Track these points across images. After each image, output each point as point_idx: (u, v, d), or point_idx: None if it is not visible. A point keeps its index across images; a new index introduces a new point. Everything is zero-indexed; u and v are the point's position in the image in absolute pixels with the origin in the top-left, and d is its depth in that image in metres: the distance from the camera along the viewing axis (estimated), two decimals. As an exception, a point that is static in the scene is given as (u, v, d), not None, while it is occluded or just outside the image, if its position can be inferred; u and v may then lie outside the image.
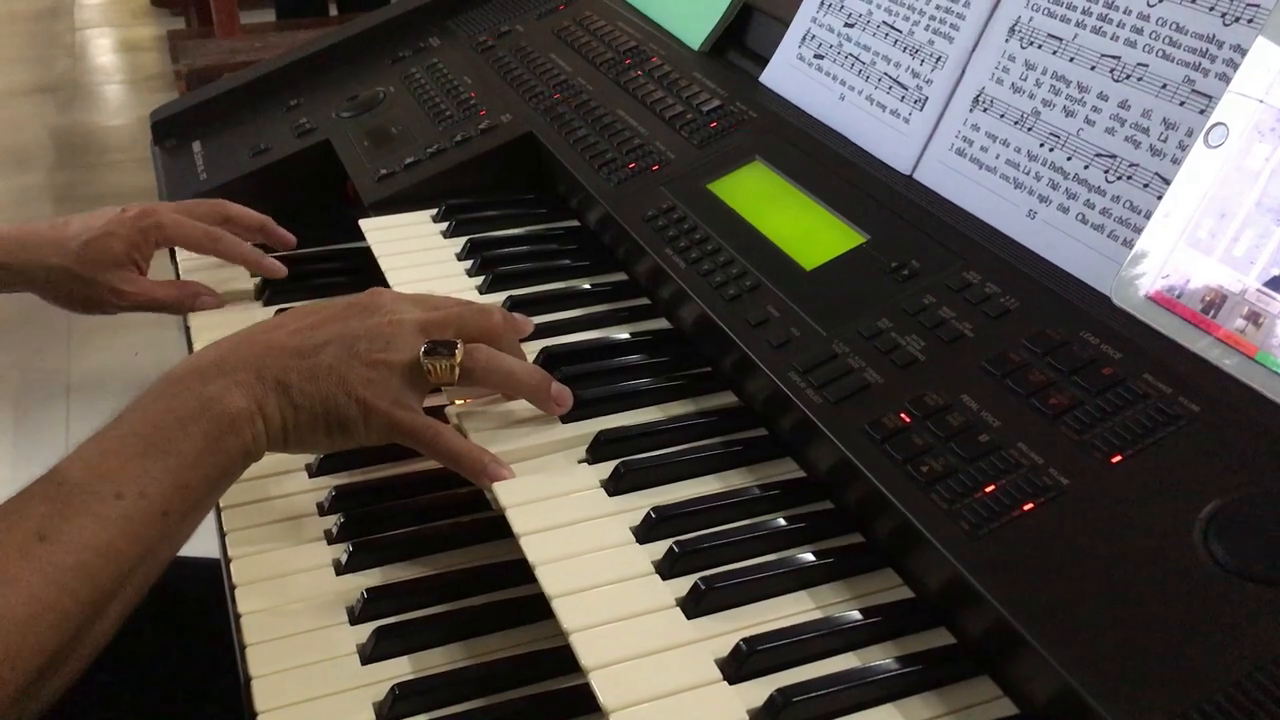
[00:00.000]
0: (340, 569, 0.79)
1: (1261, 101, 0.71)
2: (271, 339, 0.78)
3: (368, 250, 1.10)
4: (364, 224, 1.12)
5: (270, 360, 0.76)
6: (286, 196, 1.28)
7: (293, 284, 1.12)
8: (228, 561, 0.79)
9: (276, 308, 1.08)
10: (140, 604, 0.69)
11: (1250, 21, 0.75)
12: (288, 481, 0.86)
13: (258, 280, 1.12)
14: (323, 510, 0.84)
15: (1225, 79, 0.75)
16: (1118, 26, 0.83)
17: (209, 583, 0.84)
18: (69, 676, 0.65)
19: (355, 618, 0.75)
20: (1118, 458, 0.65)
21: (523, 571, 0.73)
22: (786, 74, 1.13)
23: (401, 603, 0.75)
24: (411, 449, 0.81)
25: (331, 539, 0.81)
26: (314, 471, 0.87)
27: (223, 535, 0.82)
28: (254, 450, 0.75)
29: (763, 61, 1.16)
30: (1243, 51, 0.73)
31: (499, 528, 0.78)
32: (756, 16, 1.25)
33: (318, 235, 1.22)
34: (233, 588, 0.77)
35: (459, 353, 0.79)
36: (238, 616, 0.75)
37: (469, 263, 1.06)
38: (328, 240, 1.21)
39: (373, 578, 0.78)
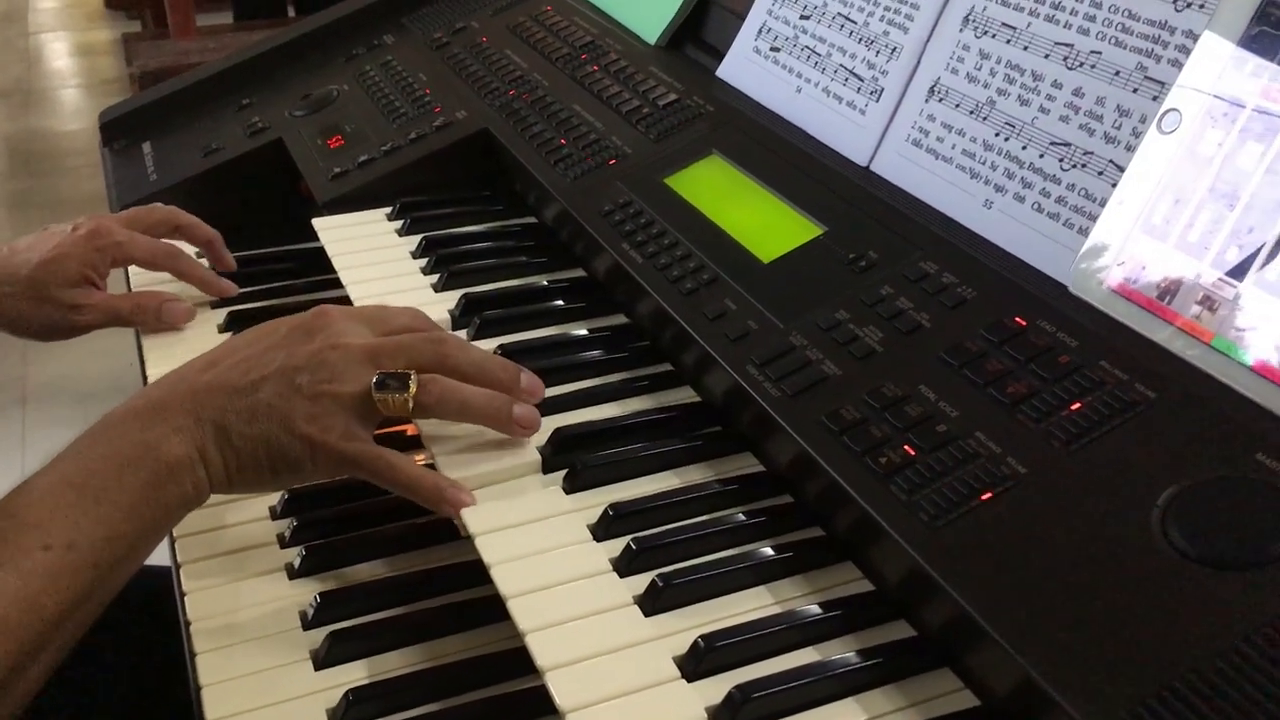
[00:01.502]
0: (293, 573, 0.77)
1: (1211, 95, 0.70)
2: (209, 379, 0.75)
3: (322, 250, 1.08)
4: (317, 223, 1.10)
5: (208, 402, 0.73)
6: (238, 196, 1.27)
7: (245, 284, 1.11)
8: (177, 567, 0.78)
9: (228, 310, 1.06)
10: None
11: (1201, 7, 0.75)
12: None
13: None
14: (275, 515, 0.83)
15: (1178, 65, 0.75)
16: (1070, 14, 0.83)
17: (158, 590, 0.82)
18: None
19: (308, 623, 0.73)
20: (1075, 445, 0.64)
21: (479, 572, 0.71)
22: (743, 67, 1.12)
23: (355, 607, 0.74)
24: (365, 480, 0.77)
25: (284, 543, 0.80)
26: (266, 474, 0.86)
27: (172, 540, 0.80)
28: (194, 498, 0.72)
29: (719, 55, 1.15)
30: (1194, 37, 0.73)
31: (455, 529, 0.77)
32: (713, 10, 1.24)
33: (271, 235, 1.21)
34: (182, 594, 0.75)
35: (412, 386, 0.75)
36: (188, 624, 0.73)
37: (424, 261, 1.04)
38: (281, 240, 1.19)
39: (326, 582, 0.77)
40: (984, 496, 0.64)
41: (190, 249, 1.10)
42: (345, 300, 0.99)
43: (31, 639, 0.63)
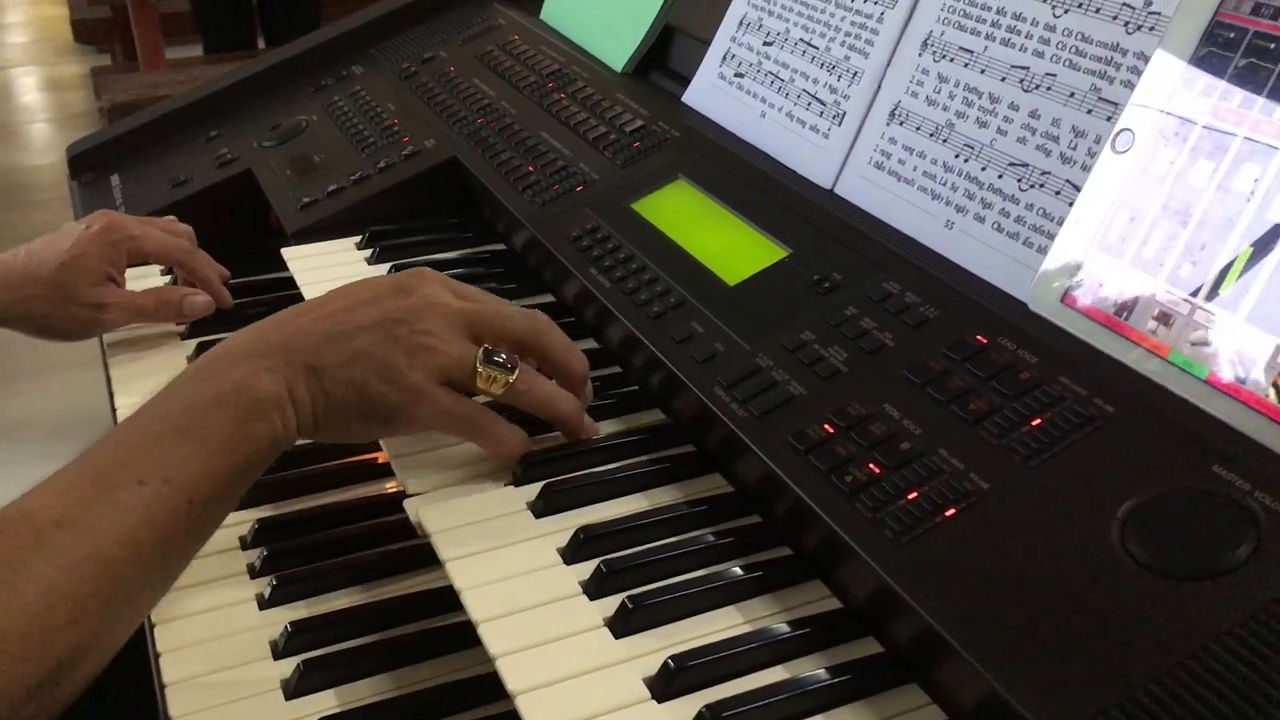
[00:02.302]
0: (263, 603, 0.77)
1: (1164, 111, 0.72)
2: (303, 322, 0.75)
3: (291, 280, 1.08)
4: (286, 252, 1.10)
5: (301, 343, 0.73)
6: (208, 227, 1.26)
7: (215, 315, 1.11)
8: (147, 600, 0.77)
9: (198, 340, 1.06)
10: None
11: (1152, 29, 0.77)
12: (209, 515, 0.84)
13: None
14: (245, 544, 0.82)
15: (1130, 86, 0.77)
16: (1025, 38, 0.85)
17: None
18: (86, 677, 0.63)
19: (279, 652, 0.73)
20: (1036, 460, 0.65)
21: (451, 598, 0.72)
22: (708, 93, 1.13)
23: (326, 635, 0.74)
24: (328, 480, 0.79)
25: (254, 573, 0.80)
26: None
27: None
28: (283, 437, 0.72)
29: (685, 81, 1.17)
30: (1145, 59, 0.75)
31: (427, 555, 0.77)
32: (678, 37, 1.25)
33: (241, 266, 1.20)
34: (151, 626, 0.75)
35: (517, 372, 0.77)
36: (156, 655, 0.73)
37: (393, 289, 1.04)
38: (251, 271, 1.19)
39: (297, 611, 0.76)
40: (948, 512, 0.64)
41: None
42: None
43: (131, 573, 0.64)
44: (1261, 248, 0.66)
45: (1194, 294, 0.68)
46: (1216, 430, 0.64)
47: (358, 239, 1.13)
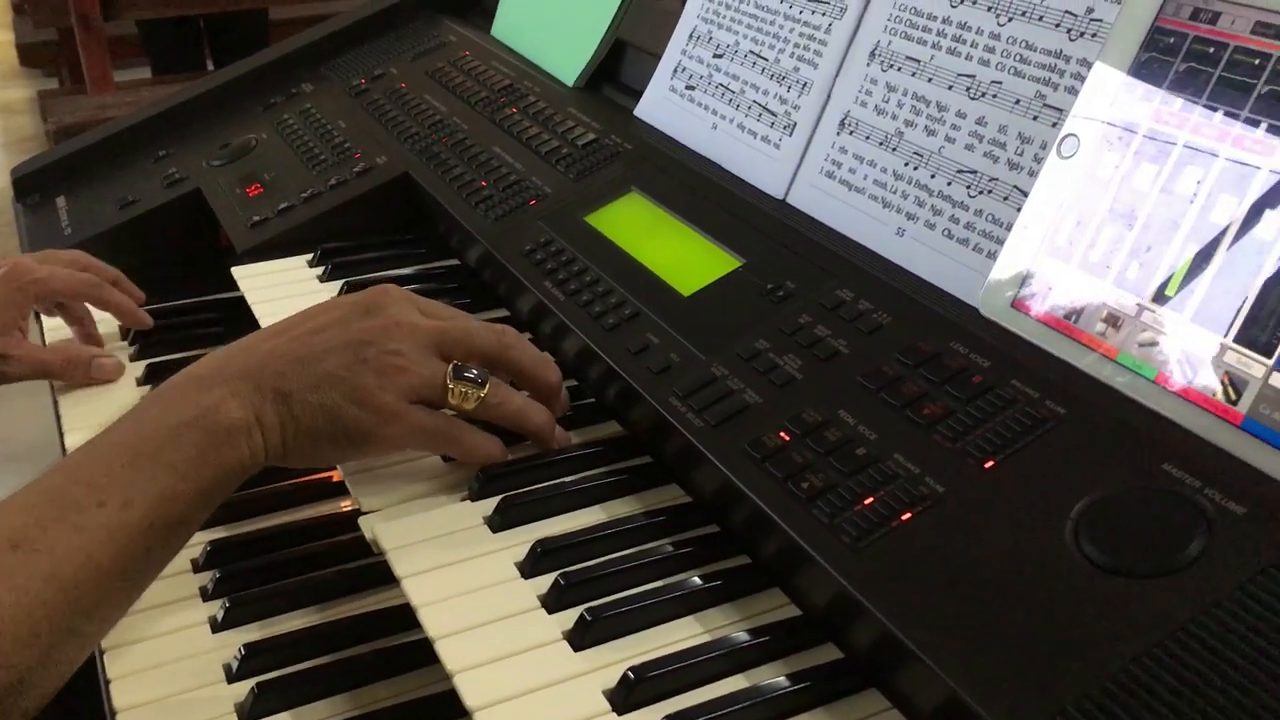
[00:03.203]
0: (216, 626, 0.76)
1: (1107, 117, 0.73)
2: (271, 346, 0.75)
3: (243, 299, 1.07)
4: (236, 271, 1.09)
5: (269, 368, 0.73)
6: (157, 248, 1.26)
7: (165, 336, 1.10)
8: (96, 625, 0.76)
9: (146, 363, 1.04)
10: None
11: (1094, 36, 0.78)
12: (159, 538, 0.83)
13: (128, 341, 1.09)
14: (197, 567, 0.81)
15: (1074, 92, 0.78)
16: (971, 46, 0.86)
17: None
18: (38, 701, 0.61)
19: (233, 676, 0.72)
20: (990, 463, 0.65)
21: (409, 616, 0.71)
22: (660, 106, 1.14)
23: (281, 656, 0.73)
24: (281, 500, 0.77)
25: (206, 596, 0.78)
26: (187, 527, 0.84)
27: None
28: (250, 463, 0.72)
29: (636, 95, 1.17)
30: (1089, 65, 0.76)
31: (383, 573, 0.76)
32: (629, 51, 1.26)
33: (191, 286, 1.19)
34: (100, 652, 0.73)
35: (488, 386, 0.77)
36: (107, 682, 0.71)
37: (346, 306, 1.03)
38: (202, 291, 1.18)
39: (251, 633, 0.75)
40: (904, 517, 0.65)
41: None
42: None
43: (88, 597, 0.63)
44: (1205, 249, 0.67)
45: (1141, 295, 0.69)
46: (1166, 429, 0.65)
47: (309, 257, 1.12)
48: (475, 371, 0.77)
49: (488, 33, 1.43)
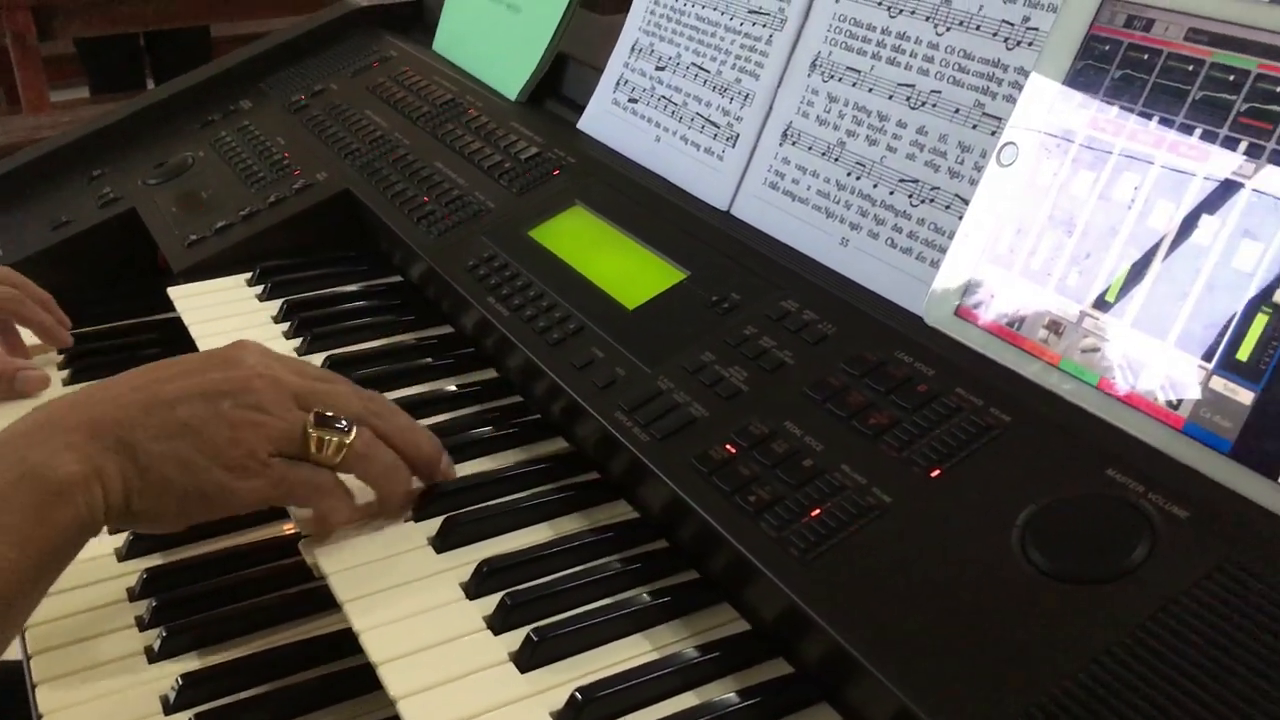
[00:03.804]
0: (153, 656, 0.74)
1: (1046, 125, 0.73)
2: (117, 392, 0.68)
3: (180, 320, 1.05)
4: (173, 292, 1.07)
5: (112, 415, 0.66)
6: (92, 269, 1.23)
7: (103, 359, 1.07)
8: (28, 658, 0.74)
9: (82, 387, 1.02)
10: None
11: (1031, 45, 0.79)
12: (93, 567, 0.81)
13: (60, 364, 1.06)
14: (133, 595, 0.79)
15: (1012, 100, 0.78)
16: (910, 56, 0.86)
17: (8, 684, 0.78)
18: None
19: (170, 707, 0.70)
20: (936, 472, 0.65)
21: (352, 641, 0.69)
22: (603, 119, 1.13)
23: (221, 686, 0.71)
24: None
25: (143, 625, 0.76)
26: (122, 555, 0.82)
27: (22, 632, 0.75)
28: (90, 522, 0.65)
29: (579, 108, 1.16)
30: (1026, 73, 0.76)
31: (325, 598, 0.74)
32: (571, 65, 1.25)
33: (128, 308, 1.17)
34: (33, 686, 0.71)
35: (353, 433, 0.72)
36: (39, 716, 0.69)
37: (286, 325, 1.02)
38: (140, 313, 1.16)
39: (189, 662, 0.73)
40: (852, 528, 0.64)
41: None
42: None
43: None
44: (1143, 255, 0.67)
45: (1081, 302, 0.69)
46: (1110, 435, 0.65)
47: (248, 276, 1.10)
48: (343, 420, 0.72)
49: (429, 47, 1.42)
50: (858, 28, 0.90)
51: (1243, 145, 0.64)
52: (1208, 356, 0.63)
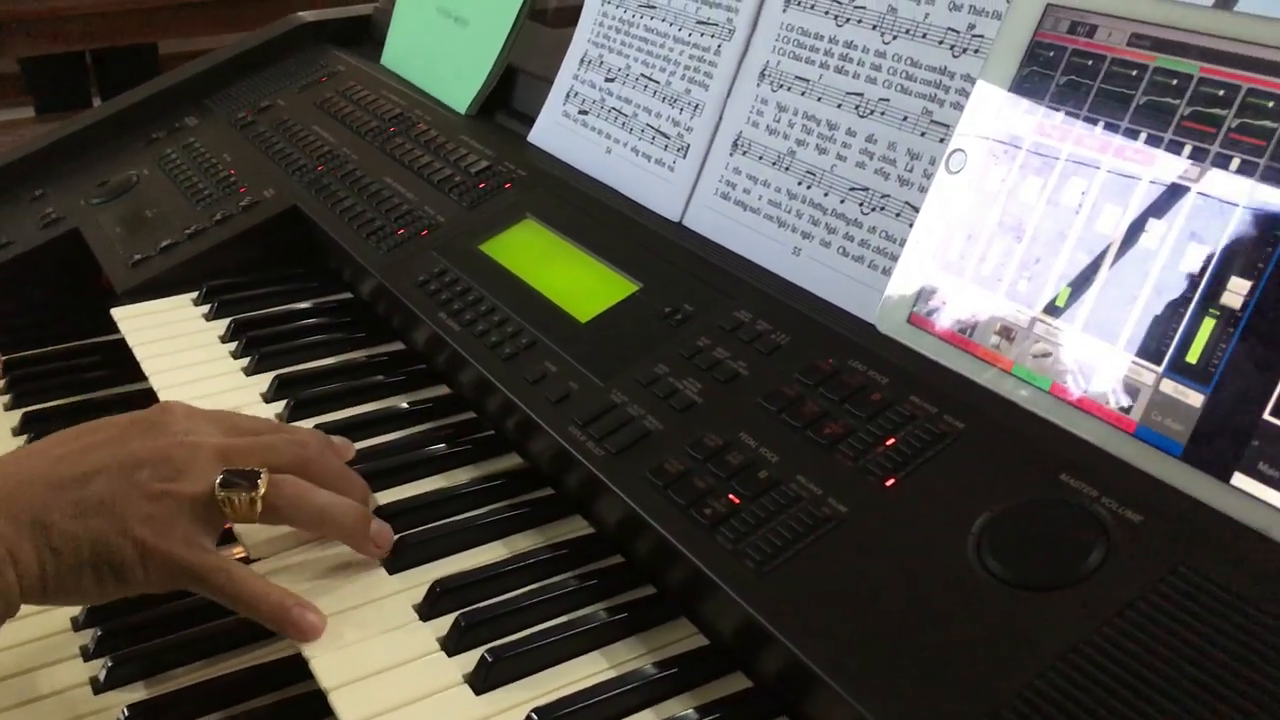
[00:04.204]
0: (99, 686, 0.72)
1: (993, 131, 0.73)
2: (28, 468, 0.67)
3: (124, 341, 1.03)
4: (116, 313, 1.05)
5: (25, 495, 0.65)
6: (34, 292, 1.20)
7: (45, 382, 1.05)
8: (-34, 693, 0.71)
9: (23, 410, 0.99)
10: None
11: (976, 52, 0.79)
12: (36, 597, 0.79)
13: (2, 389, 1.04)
14: (77, 625, 0.77)
15: (960, 107, 0.78)
16: (858, 65, 0.86)
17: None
18: None
19: (116, 739, 0.68)
20: (891, 481, 0.65)
21: (302, 667, 0.68)
22: (553, 131, 1.12)
23: (169, 716, 0.69)
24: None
25: (88, 656, 0.74)
26: (66, 583, 0.80)
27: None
28: (3, 608, 0.64)
29: (530, 121, 1.16)
30: (973, 80, 0.76)
31: (275, 622, 0.73)
32: (521, 77, 1.24)
33: (71, 330, 1.15)
34: (-29, 722, 0.69)
35: (262, 484, 0.69)
36: (-22, 755, 0.67)
37: (234, 344, 1.00)
38: (84, 335, 1.13)
39: (136, 692, 0.71)
40: (808, 539, 0.64)
41: None
42: (151, 393, 0.94)
43: None
44: (1092, 260, 0.67)
45: (1032, 307, 0.69)
46: (1063, 440, 0.65)
47: (194, 295, 1.08)
48: (244, 473, 0.69)
49: (377, 62, 1.41)
50: (805, 37, 0.90)
51: (1187, 149, 0.64)
52: (1157, 360, 0.63)
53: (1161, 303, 0.63)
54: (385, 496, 0.80)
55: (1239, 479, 0.58)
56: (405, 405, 0.92)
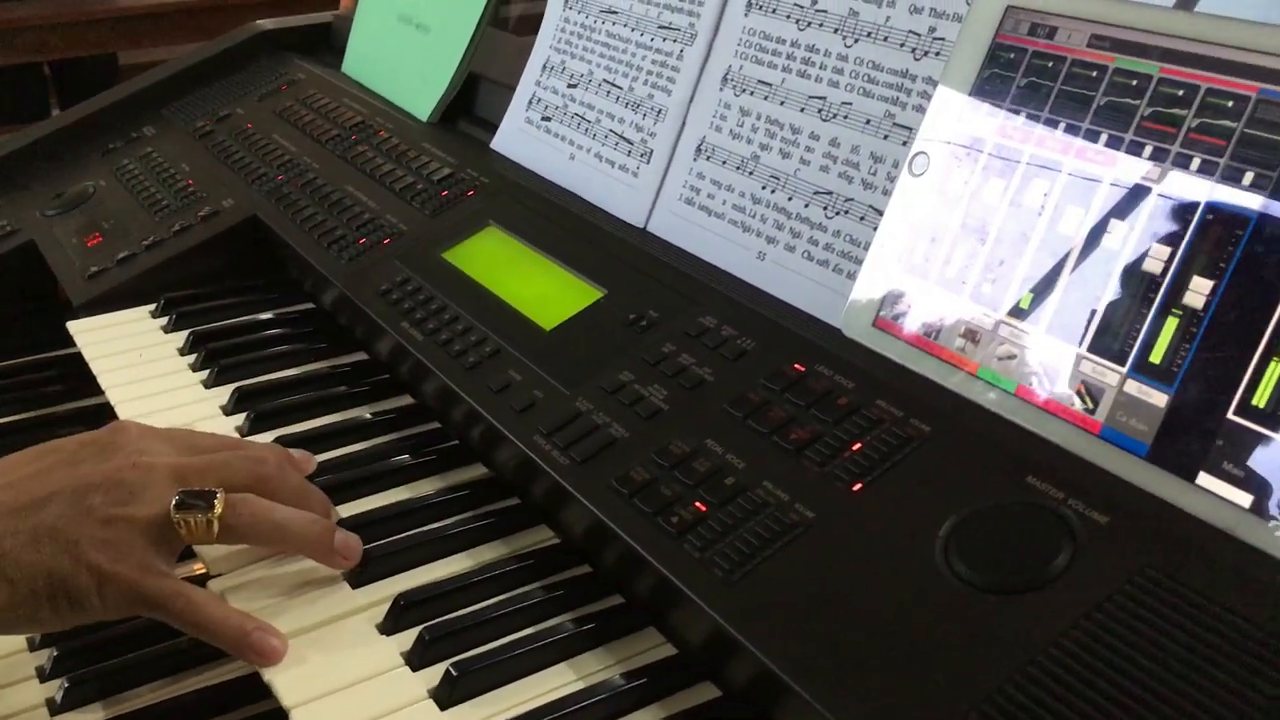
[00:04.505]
0: (56, 708, 0.70)
1: (955, 133, 0.73)
2: None
3: (81, 355, 1.01)
4: (73, 326, 1.03)
5: None
6: (-11, 305, 1.18)
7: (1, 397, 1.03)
8: (-83, 718, 0.70)
9: (-23, 426, 0.98)
10: None
11: (938, 55, 0.79)
12: (-11, 618, 0.77)
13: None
14: (33, 645, 0.75)
15: (922, 110, 0.78)
16: (820, 69, 0.86)
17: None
18: None
19: (73, 762, 0.66)
20: (859, 485, 0.64)
21: (263, 687, 0.66)
22: (516, 138, 1.11)
23: (127, 737, 0.68)
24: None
25: (44, 677, 0.73)
26: (21, 603, 0.78)
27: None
28: None
29: (493, 128, 1.15)
30: (934, 83, 0.76)
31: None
32: (483, 84, 1.24)
33: (27, 344, 1.12)
34: (-77, 748, 0.67)
35: (219, 504, 0.67)
36: (-70, 781, 0.66)
37: (192, 357, 0.98)
38: (40, 350, 1.11)
39: (94, 713, 0.70)
40: (776, 546, 0.63)
41: None
42: (109, 408, 0.93)
43: None
44: (1055, 261, 0.67)
45: (996, 309, 0.69)
46: (1029, 442, 0.65)
47: (152, 307, 1.07)
48: (200, 494, 0.68)
49: (338, 70, 1.40)
50: (768, 41, 0.90)
51: (1148, 149, 0.64)
52: (1121, 360, 0.63)
53: (1124, 303, 0.63)
54: (348, 509, 0.79)
55: (1204, 479, 0.58)
56: (368, 416, 0.91)
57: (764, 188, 0.87)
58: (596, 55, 1.05)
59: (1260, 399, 0.57)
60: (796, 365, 0.74)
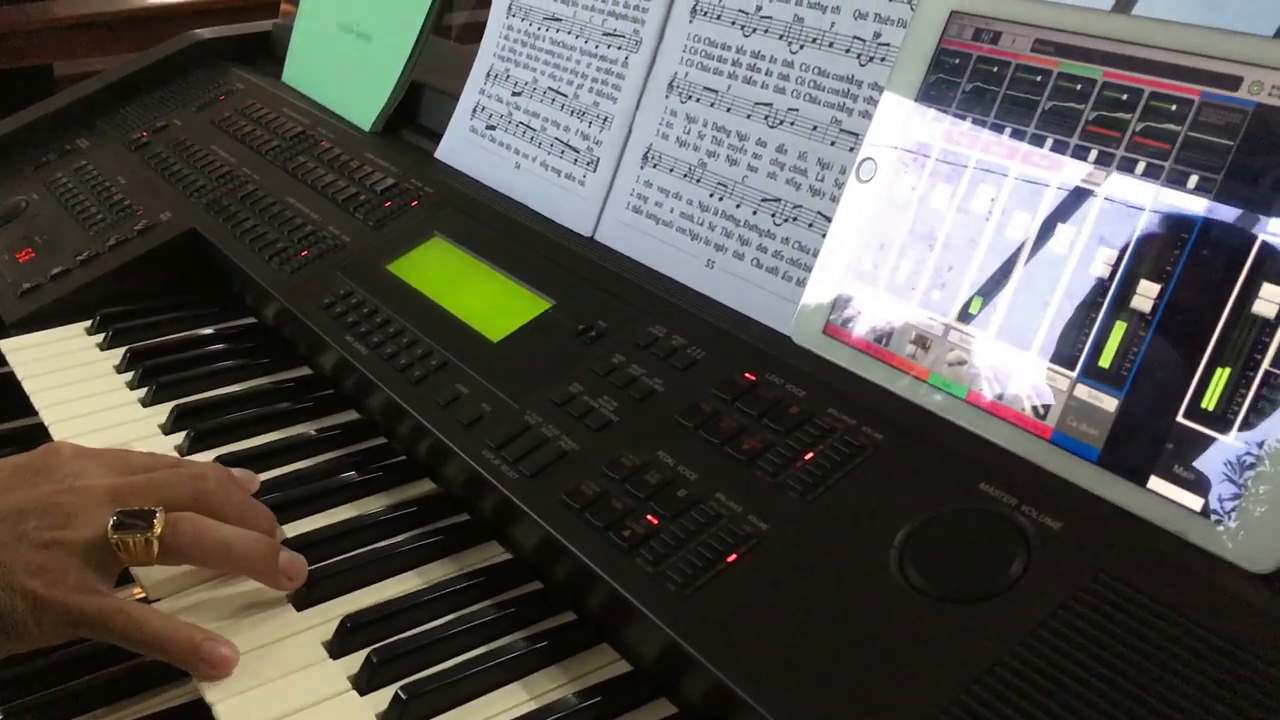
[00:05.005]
0: (-11, 744, 0.68)
1: (901, 139, 0.73)
2: None
3: (13, 375, 0.98)
4: (4, 345, 1.00)
5: None
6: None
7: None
8: None
9: (-96, 450, 0.94)
10: None
11: (883, 60, 0.79)
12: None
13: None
14: (-35, 677, 0.73)
15: (868, 116, 0.78)
16: (766, 75, 0.85)
17: None
18: None
19: (7, 798, 0.64)
20: (811, 495, 0.64)
21: (207, 713, 0.64)
22: (461, 147, 1.10)
23: (65, 770, 0.66)
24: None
25: (-22, 710, 0.70)
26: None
27: None
28: None
29: (437, 137, 1.13)
30: (880, 89, 0.76)
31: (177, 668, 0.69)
32: (427, 93, 1.22)
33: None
34: None
35: (158, 524, 0.65)
36: None
37: (129, 375, 0.96)
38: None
39: (31, 747, 0.68)
40: (730, 558, 0.62)
41: None
42: (43, 428, 0.90)
43: None
44: (1003, 266, 0.67)
45: (946, 314, 0.69)
46: (981, 448, 0.65)
47: (87, 324, 1.04)
48: (139, 514, 0.66)
49: (278, 79, 1.37)
50: (713, 47, 0.89)
51: (1093, 154, 0.64)
52: (1071, 365, 0.63)
53: (1073, 308, 0.63)
54: (294, 528, 0.77)
55: (1155, 482, 0.58)
56: (313, 432, 0.89)
57: (712, 195, 0.87)
58: (541, 63, 1.04)
59: (1209, 401, 0.57)
60: (747, 374, 0.73)
